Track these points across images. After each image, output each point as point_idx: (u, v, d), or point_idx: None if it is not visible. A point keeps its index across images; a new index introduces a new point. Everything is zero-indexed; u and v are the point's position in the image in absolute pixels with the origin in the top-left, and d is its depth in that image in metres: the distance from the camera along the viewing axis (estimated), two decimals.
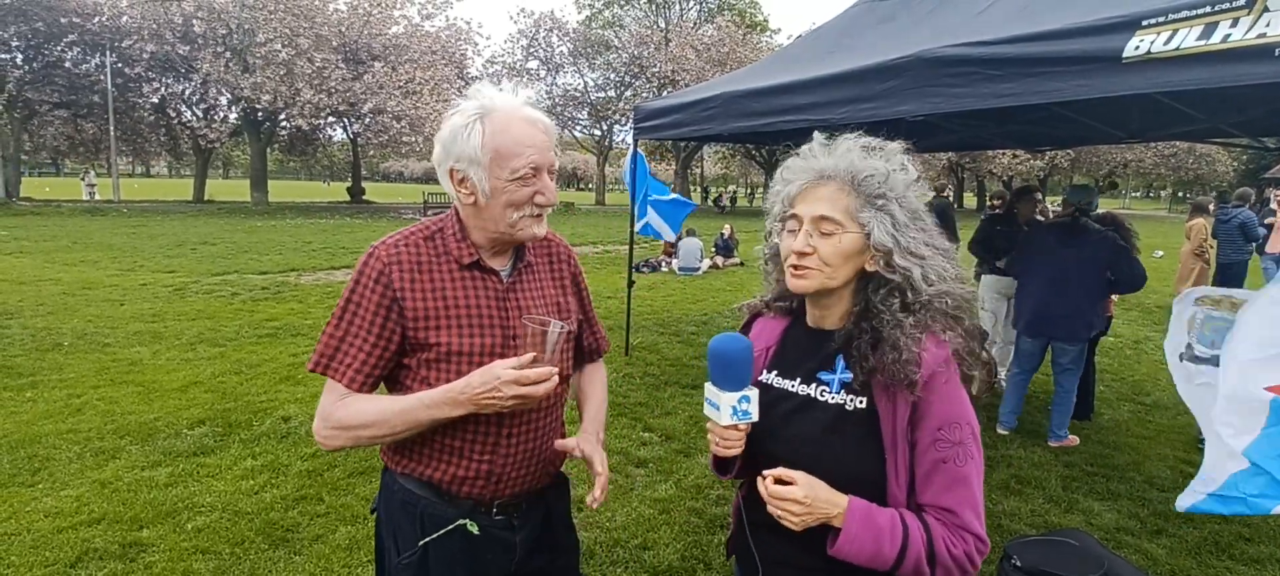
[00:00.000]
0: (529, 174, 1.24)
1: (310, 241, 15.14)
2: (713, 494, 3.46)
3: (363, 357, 1.26)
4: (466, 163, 1.24)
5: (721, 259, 12.69)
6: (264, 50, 22.71)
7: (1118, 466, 3.98)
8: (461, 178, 1.26)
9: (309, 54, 23.39)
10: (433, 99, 26.63)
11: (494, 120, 1.23)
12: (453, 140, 1.24)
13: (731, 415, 1.12)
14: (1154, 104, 3.82)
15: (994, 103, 2.61)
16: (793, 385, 1.22)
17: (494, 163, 1.23)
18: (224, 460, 3.69)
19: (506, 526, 1.37)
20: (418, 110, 25.67)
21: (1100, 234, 4.08)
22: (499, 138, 1.22)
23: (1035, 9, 2.86)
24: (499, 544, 1.36)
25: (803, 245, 1.12)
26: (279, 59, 22.71)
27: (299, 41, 23.14)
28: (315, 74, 23.62)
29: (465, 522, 1.32)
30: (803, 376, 1.21)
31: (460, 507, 1.33)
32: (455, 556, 1.33)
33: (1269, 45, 1.83)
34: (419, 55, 27.24)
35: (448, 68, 28.88)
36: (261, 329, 6.75)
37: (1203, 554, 3.05)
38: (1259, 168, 26.39)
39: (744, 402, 1.13)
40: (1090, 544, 2.53)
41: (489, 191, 1.24)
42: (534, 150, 1.24)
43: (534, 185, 1.26)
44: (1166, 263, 13.42)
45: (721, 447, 1.16)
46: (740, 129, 4.17)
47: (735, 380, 1.13)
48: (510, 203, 1.25)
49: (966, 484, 1.07)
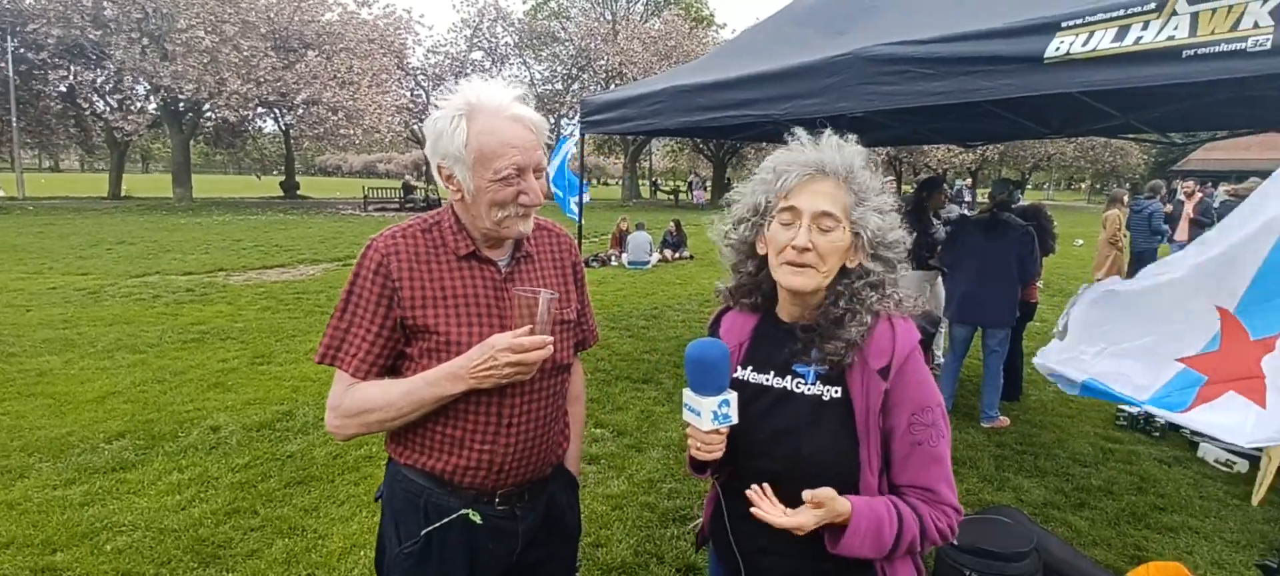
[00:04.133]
0: (512, 174, 1.24)
1: (240, 239, 14.39)
2: (665, 488, 3.48)
3: (367, 346, 1.28)
4: (452, 161, 1.25)
5: (670, 252, 12.76)
6: (185, 37, 21.30)
7: (1044, 444, 4.22)
8: (448, 175, 1.28)
9: (235, 41, 22.13)
10: (372, 89, 25.68)
11: (479, 119, 1.23)
12: (438, 137, 1.25)
13: (713, 420, 1.12)
14: (1074, 102, 4.03)
15: (928, 101, 2.70)
16: (768, 379, 1.23)
17: (478, 162, 1.23)
18: (147, 475, 3.47)
19: (509, 516, 1.38)
20: (356, 101, 24.72)
21: (1019, 227, 4.43)
22: (483, 137, 1.22)
23: (965, 8, 2.98)
24: (501, 533, 1.37)
25: (805, 241, 1.12)
26: (202, 46, 21.35)
27: (224, 28, 21.86)
28: (242, 63, 22.39)
29: (468, 512, 1.33)
30: (777, 369, 1.22)
31: (463, 497, 1.34)
32: (457, 546, 1.34)
33: (1176, 48, 1.96)
34: (355, 44, 26.19)
35: (386, 57, 27.90)
36: (187, 333, 6.37)
37: (1121, 524, 3.26)
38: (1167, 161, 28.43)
39: (724, 406, 1.13)
40: (1022, 520, 2.67)
41: (474, 190, 1.26)
42: (518, 151, 1.23)
43: (517, 185, 1.26)
44: (1086, 251, 14.30)
45: (703, 452, 1.16)
46: (687, 123, 4.18)
47: (714, 385, 1.14)
48: (494, 202, 1.26)
49: (940, 462, 1.14)
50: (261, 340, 6.24)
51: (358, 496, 3.32)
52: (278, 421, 4.24)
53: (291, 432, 4.08)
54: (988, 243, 4.45)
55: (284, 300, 8.15)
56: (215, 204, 24.72)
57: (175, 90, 21.89)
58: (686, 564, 2.80)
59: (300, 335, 6.48)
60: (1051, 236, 4.88)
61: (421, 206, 25.99)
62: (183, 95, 22.26)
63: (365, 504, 3.24)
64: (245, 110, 23.94)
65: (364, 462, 3.68)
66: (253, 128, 30.30)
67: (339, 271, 10.54)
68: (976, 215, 5.04)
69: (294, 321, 7.05)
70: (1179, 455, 4.09)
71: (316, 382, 5.01)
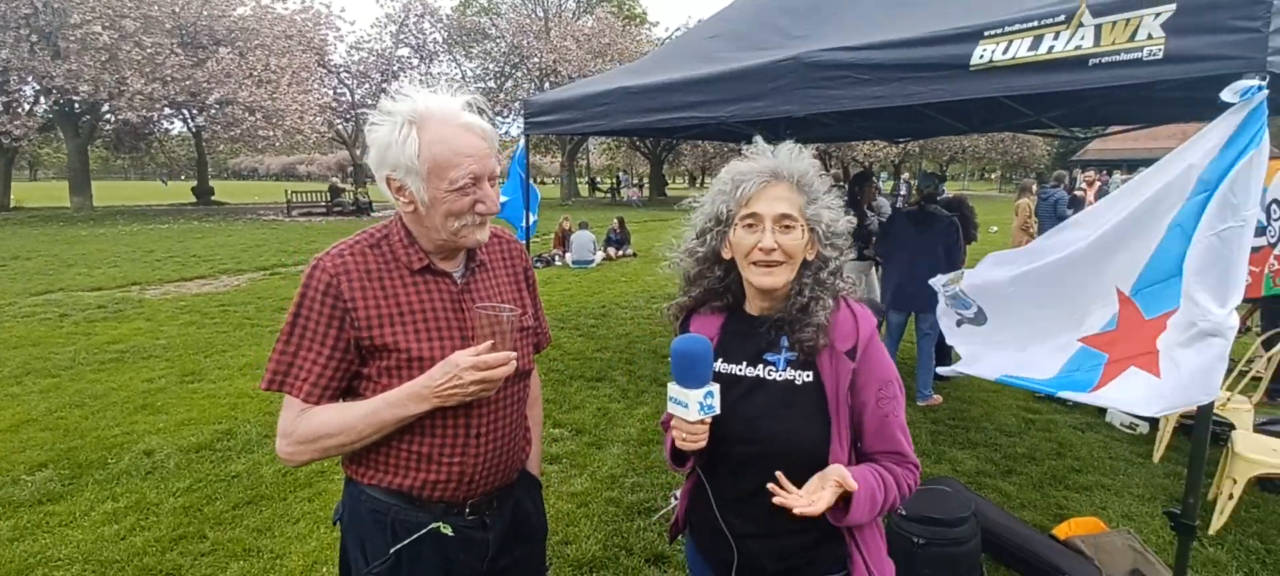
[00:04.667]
0: (469, 184, 1.23)
1: (152, 250, 13.46)
2: (628, 482, 3.55)
3: (318, 370, 1.25)
4: (403, 172, 1.22)
5: (614, 250, 12.83)
6: (80, 33, 19.57)
7: (974, 419, 4.55)
8: (399, 187, 1.24)
9: (136, 37, 20.54)
10: (293, 88, 24.42)
11: (430, 127, 1.21)
12: (387, 147, 1.21)
13: (699, 410, 1.19)
14: (993, 102, 4.35)
15: (866, 104, 2.88)
16: (741, 369, 1.32)
17: (432, 173, 1.21)
18: (78, 505, 3.25)
19: (479, 525, 1.38)
20: (275, 101, 23.45)
21: (944, 218, 4.79)
22: (436, 147, 1.20)
23: (897, 15, 3.19)
24: (472, 543, 1.37)
25: (771, 243, 1.23)
26: (99, 43, 19.66)
27: (124, 23, 20.21)
28: (146, 60, 20.81)
29: (438, 525, 1.32)
30: (748, 360, 1.31)
31: (433, 511, 1.32)
32: (428, 559, 1.32)
33: (1084, 56, 2.18)
34: (272, 41, 24.82)
35: (306, 54, 26.60)
36: (103, 353, 5.95)
37: (1044, 486, 3.58)
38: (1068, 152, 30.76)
39: (709, 397, 1.20)
40: (960, 489, 2.89)
41: (428, 201, 1.23)
42: (473, 160, 1.22)
43: (474, 194, 1.25)
44: (1000, 237, 15.31)
45: (689, 442, 1.22)
46: (636, 124, 4.26)
47: (698, 377, 1.20)
48: (450, 212, 1.24)
49: (903, 428, 1.28)
50: (189, 357, 5.90)
51: (313, 513, 3.23)
52: (218, 441, 4.05)
53: (234, 452, 3.91)
54: (917, 233, 4.75)
55: (209, 314, 7.71)
56: (120, 213, 22.97)
57: (69, 91, 20.12)
58: (655, 554, 2.88)
59: (231, 349, 6.16)
60: (973, 225, 5.26)
61: (350, 210, 24.96)
62: (78, 96, 20.48)
63: (322, 520, 3.16)
64: (150, 111, 22.30)
65: (317, 478, 3.57)
66: (159, 130, 28.25)
67: (266, 281, 10.05)
68: (906, 208, 5.38)
69: (223, 336, 6.70)
70: (1091, 421, 4.50)
71: (256, 399, 4.80)
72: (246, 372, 5.44)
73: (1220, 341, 1.80)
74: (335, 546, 2.91)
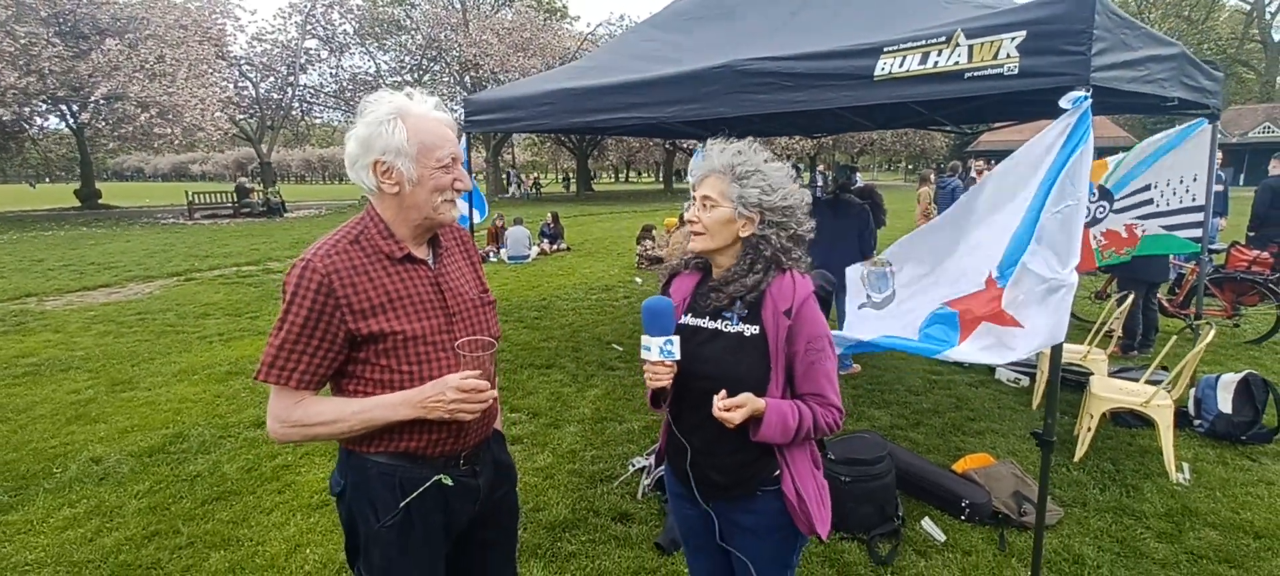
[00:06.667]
0: (450, 161, 1.46)
1: (42, 259, 12.43)
2: (588, 455, 3.85)
3: (309, 361, 1.40)
4: (393, 154, 1.41)
5: (548, 244, 12.98)
6: None
7: (887, 382, 5.15)
8: (387, 169, 1.42)
9: (7, 26, 18.69)
10: (191, 81, 22.80)
11: (412, 118, 1.43)
12: (375, 137, 1.41)
13: (659, 353, 1.53)
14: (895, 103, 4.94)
15: (789, 107, 3.30)
16: (704, 322, 1.66)
17: (421, 153, 1.43)
18: (32, 514, 3.22)
19: (471, 474, 1.62)
20: (171, 96, 21.85)
21: (857, 206, 5.35)
22: (422, 133, 1.43)
23: (810, 30, 3.64)
24: (467, 490, 1.61)
25: (693, 215, 1.63)
26: None
27: None
28: (20, 52, 18.96)
29: (441, 477, 1.54)
30: (710, 315, 1.66)
31: (434, 466, 1.55)
32: (432, 508, 1.54)
33: (960, 70, 2.67)
34: (164, 31, 23.05)
35: (204, 46, 24.88)
36: (15, 368, 5.63)
37: (946, 434, 4.17)
38: (963, 144, 33.60)
39: (669, 344, 1.54)
40: (876, 438, 3.39)
41: (416, 178, 1.43)
42: (451, 143, 1.48)
43: (454, 172, 1.48)
44: (906, 221, 16.58)
45: (653, 381, 1.56)
46: (578, 123, 4.53)
47: (660, 328, 1.54)
48: (435, 187, 1.46)
49: (829, 375, 1.60)
50: (114, 367, 5.67)
51: (286, 503, 3.34)
52: (169, 445, 4.02)
53: (190, 453, 3.91)
54: (834, 220, 5.24)
55: (125, 323, 7.34)
56: None
57: None
58: (620, 513, 3.20)
59: (160, 357, 5.96)
60: (883, 211, 5.88)
61: (260, 211, 23.67)
62: None
63: (297, 509, 3.28)
64: (24, 107, 20.31)
65: (282, 471, 3.66)
66: (32, 128, 25.64)
67: (181, 288, 9.57)
68: (823, 197, 5.92)
69: (146, 344, 6.44)
70: (984, 379, 5.20)
71: (200, 404, 4.74)
72: (184, 379, 5.32)
73: (1065, 291, 2.31)
74: (315, 530, 3.07)
